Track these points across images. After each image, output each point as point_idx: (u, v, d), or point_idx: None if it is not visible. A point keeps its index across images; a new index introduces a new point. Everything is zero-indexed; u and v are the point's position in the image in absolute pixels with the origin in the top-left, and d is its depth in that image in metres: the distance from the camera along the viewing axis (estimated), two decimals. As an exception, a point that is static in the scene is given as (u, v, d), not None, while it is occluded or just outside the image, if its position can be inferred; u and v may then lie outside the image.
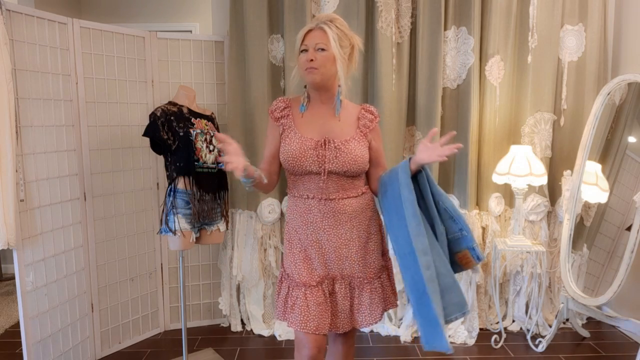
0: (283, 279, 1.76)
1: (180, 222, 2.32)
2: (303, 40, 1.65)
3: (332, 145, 1.65)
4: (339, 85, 1.70)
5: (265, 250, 3.00)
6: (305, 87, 1.73)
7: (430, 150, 1.58)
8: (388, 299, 1.78)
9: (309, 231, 1.70)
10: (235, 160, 1.46)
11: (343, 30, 1.66)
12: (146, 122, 2.34)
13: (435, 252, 1.59)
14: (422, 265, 1.55)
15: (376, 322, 1.73)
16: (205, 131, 2.42)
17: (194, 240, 2.41)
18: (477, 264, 1.68)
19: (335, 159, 1.64)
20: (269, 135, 1.78)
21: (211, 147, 2.42)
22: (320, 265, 1.69)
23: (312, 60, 1.61)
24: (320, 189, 1.67)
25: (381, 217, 1.79)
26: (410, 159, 1.64)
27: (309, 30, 1.65)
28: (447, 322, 1.58)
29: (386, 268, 1.81)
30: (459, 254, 1.67)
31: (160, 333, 3.02)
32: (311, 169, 1.65)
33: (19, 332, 2.42)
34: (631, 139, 2.79)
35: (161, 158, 2.53)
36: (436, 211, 1.65)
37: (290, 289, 1.70)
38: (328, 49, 1.63)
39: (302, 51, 1.66)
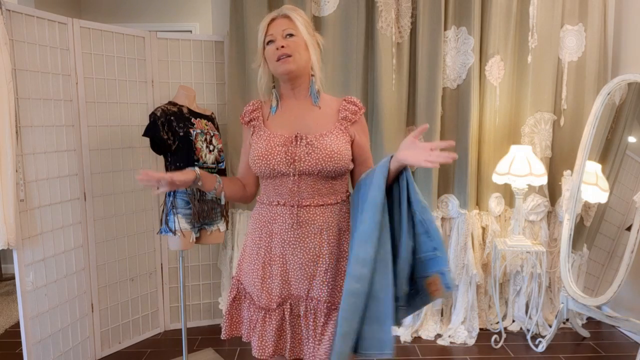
0: (242, 297, 1.59)
1: (180, 222, 2.32)
2: (267, 31, 1.48)
3: (303, 141, 1.45)
4: (312, 75, 1.53)
5: (265, 250, 3.00)
6: (274, 87, 1.56)
7: (418, 151, 1.29)
8: None
9: (273, 244, 1.50)
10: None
11: (306, 19, 1.52)
12: (146, 122, 2.34)
13: (383, 272, 1.34)
14: (353, 275, 1.33)
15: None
16: (205, 131, 2.42)
17: (194, 240, 2.41)
18: (445, 293, 1.39)
19: (307, 156, 1.44)
20: (244, 142, 1.62)
21: (211, 147, 2.42)
22: (281, 283, 1.49)
23: (282, 47, 1.44)
24: (292, 193, 1.46)
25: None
26: (391, 157, 1.38)
27: (272, 20, 1.49)
28: (360, 355, 1.36)
29: None
30: (427, 279, 1.40)
31: (160, 333, 3.02)
32: (280, 168, 1.45)
33: (19, 332, 2.42)
34: (631, 139, 2.79)
35: (161, 158, 2.53)
36: (408, 224, 1.39)
37: (252, 311, 1.54)
38: (297, 34, 1.47)
39: (268, 43, 1.48)
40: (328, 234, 1.49)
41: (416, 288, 1.42)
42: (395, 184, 1.41)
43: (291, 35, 1.46)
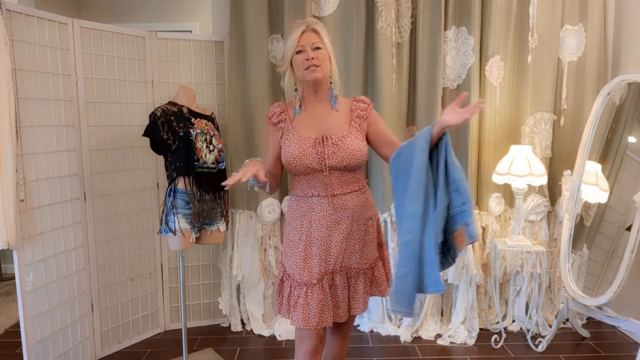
0: (284, 279, 1.82)
1: (180, 222, 2.32)
2: (298, 42, 1.73)
3: (330, 141, 1.72)
4: (331, 82, 1.80)
5: (265, 250, 3.00)
6: (295, 90, 1.80)
7: (457, 113, 1.55)
8: (380, 287, 1.87)
9: (312, 229, 1.76)
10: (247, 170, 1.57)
11: (327, 33, 1.78)
12: (146, 122, 2.35)
13: (429, 223, 1.59)
14: (404, 228, 1.61)
15: (366, 310, 1.85)
16: (205, 131, 2.42)
17: (194, 240, 2.41)
18: (469, 243, 1.65)
19: (334, 154, 1.71)
20: (269, 141, 1.85)
21: (211, 147, 2.42)
22: (321, 261, 1.75)
23: (312, 58, 1.70)
24: (325, 186, 1.74)
25: (378, 209, 1.83)
26: (434, 124, 1.61)
27: (302, 32, 1.74)
28: (425, 292, 1.63)
29: (381, 259, 1.90)
30: (455, 232, 1.64)
31: (160, 333, 3.02)
32: (312, 166, 1.72)
33: (19, 332, 2.43)
34: (631, 139, 2.79)
35: (161, 158, 2.53)
36: (445, 182, 1.62)
37: (293, 288, 1.76)
38: (323, 48, 1.74)
39: (297, 52, 1.73)
40: (358, 215, 1.79)
41: (447, 239, 1.65)
42: (435, 149, 1.63)
43: (318, 48, 1.73)
